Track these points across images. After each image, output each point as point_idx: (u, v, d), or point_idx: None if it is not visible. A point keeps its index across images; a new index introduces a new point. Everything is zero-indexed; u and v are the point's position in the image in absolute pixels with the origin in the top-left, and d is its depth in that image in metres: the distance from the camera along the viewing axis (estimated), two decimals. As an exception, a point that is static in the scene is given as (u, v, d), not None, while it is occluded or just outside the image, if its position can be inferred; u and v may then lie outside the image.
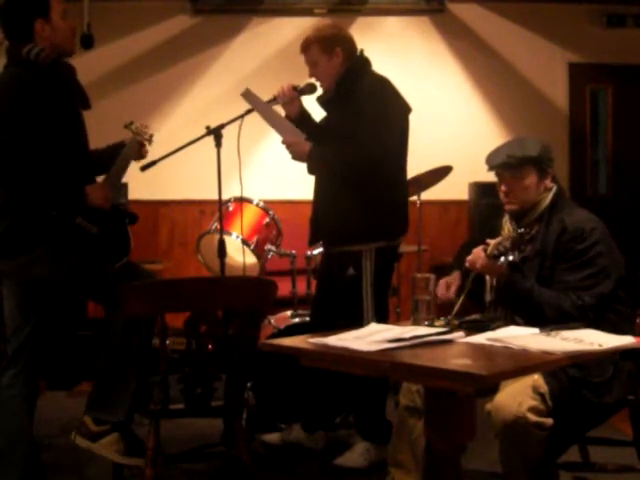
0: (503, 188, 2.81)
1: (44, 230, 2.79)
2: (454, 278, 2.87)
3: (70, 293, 2.99)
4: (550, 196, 2.77)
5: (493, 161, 2.82)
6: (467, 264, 2.73)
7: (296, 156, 3.45)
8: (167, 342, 2.65)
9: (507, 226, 2.84)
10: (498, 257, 2.64)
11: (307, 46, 3.48)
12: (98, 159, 3.11)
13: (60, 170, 2.80)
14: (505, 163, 2.78)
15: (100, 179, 3.02)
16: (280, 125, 3.46)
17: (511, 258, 2.69)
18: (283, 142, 3.45)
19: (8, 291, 2.95)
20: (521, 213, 2.81)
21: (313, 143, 3.41)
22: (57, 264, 2.83)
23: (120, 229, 2.98)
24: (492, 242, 2.67)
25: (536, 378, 2.48)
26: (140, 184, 5.30)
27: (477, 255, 2.68)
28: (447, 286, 2.84)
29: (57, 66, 2.87)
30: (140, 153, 3.20)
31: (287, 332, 3.72)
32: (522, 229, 2.63)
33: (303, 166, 3.48)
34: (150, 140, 3.22)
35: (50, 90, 2.81)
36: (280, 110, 3.54)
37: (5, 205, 2.81)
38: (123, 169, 3.11)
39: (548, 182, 2.78)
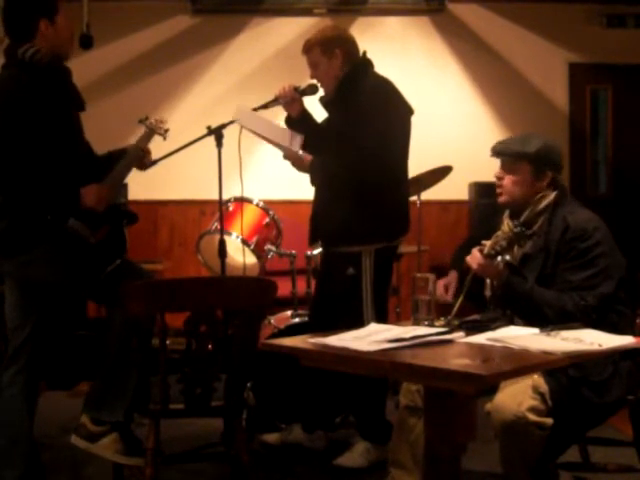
0: (497, 173, 2.85)
1: (42, 231, 2.79)
2: (451, 279, 2.88)
3: (67, 294, 2.98)
4: (554, 194, 2.77)
5: (494, 147, 2.86)
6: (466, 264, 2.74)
7: (299, 169, 3.48)
8: (167, 342, 2.65)
9: (507, 221, 2.84)
10: (495, 257, 2.65)
11: (308, 48, 3.49)
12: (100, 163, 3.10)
13: (53, 172, 2.79)
14: (501, 152, 2.83)
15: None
16: (278, 136, 3.44)
17: (508, 258, 2.69)
18: (284, 158, 3.47)
19: (9, 290, 2.95)
20: (513, 207, 2.82)
21: (310, 153, 3.39)
22: (53, 265, 2.83)
23: (115, 231, 2.98)
24: (489, 242, 2.68)
25: (536, 378, 2.48)
26: (140, 184, 5.29)
27: (474, 255, 2.69)
28: (445, 288, 2.85)
29: (52, 68, 2.87)
30: (142, 162, 3.17)
31: (287, 332, 3.72)
32: (518, 228, 2.64)
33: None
34: (165, 135, 3.22)
35: (44, 92, 2.81)
36: (281, 110, 3.54)
37: (4, 205, 2.81)
38: (127, 169, 3.10)
39: (544, 184, 2.77)
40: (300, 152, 3.47)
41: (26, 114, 2.74)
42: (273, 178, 5.95)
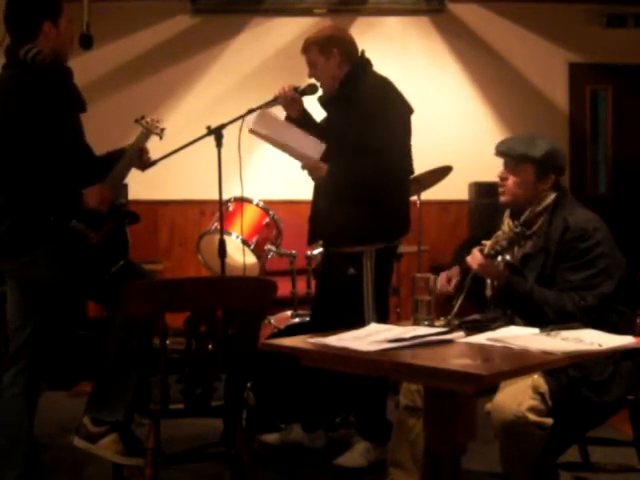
0: (500, 173, 2.84)
1: (44, 232, 2.79)
2: (454, 272, 2.88)
3: (69, 294, 2.98)
4: (554, 195, 2.77)
5: (499, 147, 2.85)
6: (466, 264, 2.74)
7: (315, 179, 3.47)
8: (167, 342, 2.65)
9: (507, 221, 2.84)
10: (495, 257, 2.65)
11: (306, 48, 3.50)
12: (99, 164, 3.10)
13: (54, 173, 2.79)
14: (505, 153, 2.82)
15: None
16: (300, 144, 3.41)
17: (508, 258, 2.69)
18: (302, 168, 3.47)
19: (10, 290, 2.94)
20: (514, 207, 2.82)
21: (328, 164, 3.39)
22: (55, 266, 2.83)
23: (118, 232, 2.98)
24: (489, 242, 2.68)
25: (536, 378, 2.48)
26: (140, 184, 5.27)
27: (474, 255, 2.69)
28: (447, 280, 2.85)
29: (54, 68, 2.87)
30: (142, 161, 3.17)
31: (287, 332, 3.72)
32: (519, 228, 2.64)
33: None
34: (161, 134, 3.22)
35: (45, 92, 2.80)
36: (281, 110, 3.54)
37: (6, 206, 2.81)
38: (127, 169, 3.09)
39: (546, 186, 2.77)
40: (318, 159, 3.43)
41: (27, 115, 2.74)
42: (273, 178, 5.95)
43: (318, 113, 3.60)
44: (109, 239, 2.92)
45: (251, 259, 3.88)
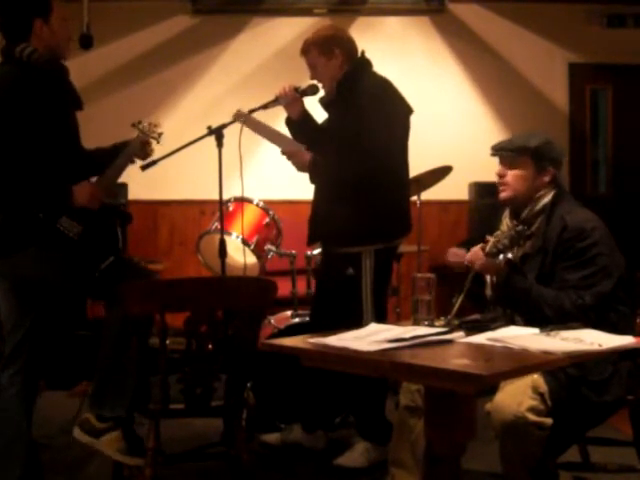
0: (498, 171, 2.85)
1: (35, 230, 2.79)
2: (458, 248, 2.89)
3: (63, 293, 2.98)
4: (552, 193, 2.77)
5: (494, 146, 2.87)
6: (466, 262, 2.74)
7: (298, 167, 3.48)
8: (167, 342, 2.65)
9: (506, 220, 2.84)
10: (497, 255, 2.65)
11: (306, 49, 3.49)
12: (100, 157, 3.10)
13: (45, 169, 2.79)
14: (502, 148, 2.83)
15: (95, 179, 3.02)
16: (279, 139, 3.47)
17: (510, 256, 2.70)
18: (283, 153, 3.47)
19: (4, 290, 2.93)
20: (514, 204, 2.82)
21: (313, 152, 3.41)
22: (48, 264, 2.82)
23: (107, 229, 2.97)
24: (490, 240, 2.68)
25: (535, 378, 2.48)
26: (140, 184, 5.30)
27: (476, 253, 2.69)
28: (456, 253, 2.86)
29: (49, 66, 2.87)
30: (145, 152, 3.17)
31: (287, 332, 3.72)
32: (520, 226, 2.64)
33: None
34: (158, 139, 3.21)
35: (40, 90, 2.80)
36: (282, 111, 3.54)
37: None
38: (121, 169, 3.09)
39: (546, 179, 2.78)
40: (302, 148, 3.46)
41: (19, 111, 2.74)
42: (273, 178, 5.95)
43: (319, 114, 3.60)
44: (97, 236, 2.91)
45: (251, 259, 3.88)
